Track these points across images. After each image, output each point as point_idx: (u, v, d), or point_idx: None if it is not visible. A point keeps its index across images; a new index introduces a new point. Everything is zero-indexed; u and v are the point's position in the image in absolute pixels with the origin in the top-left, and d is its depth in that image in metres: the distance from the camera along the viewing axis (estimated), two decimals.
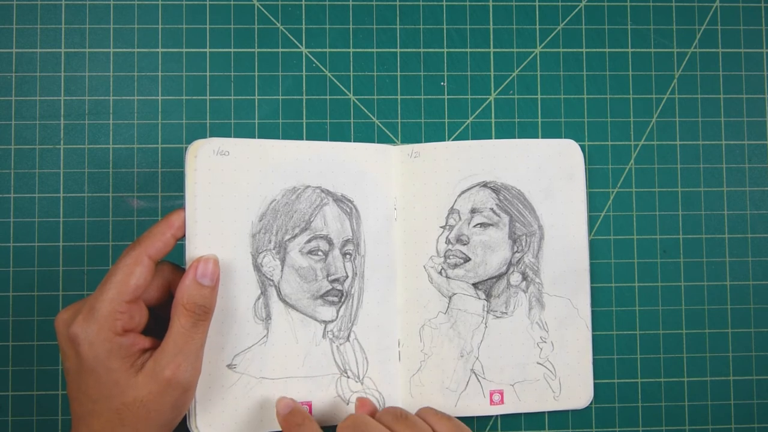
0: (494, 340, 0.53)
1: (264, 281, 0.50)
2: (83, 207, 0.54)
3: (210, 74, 0.56)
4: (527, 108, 0.57)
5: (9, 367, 0.53)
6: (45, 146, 0.55)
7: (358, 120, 0.56)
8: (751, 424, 0.56)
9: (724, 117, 0.57)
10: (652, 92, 0.57)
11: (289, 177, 0.51)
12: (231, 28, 0.56)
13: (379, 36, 0.57)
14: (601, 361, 0.56)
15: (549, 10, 0.57)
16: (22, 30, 0.55)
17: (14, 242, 0.54)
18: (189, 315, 0.44)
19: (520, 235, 0.54)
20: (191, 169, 0.48)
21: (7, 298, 0.54)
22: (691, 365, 0.56)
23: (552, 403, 0.54)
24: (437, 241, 0.53)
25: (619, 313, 0.56)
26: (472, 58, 0.57)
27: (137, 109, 0.55)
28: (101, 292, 0.43)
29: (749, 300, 0.57)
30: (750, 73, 0.58)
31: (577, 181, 0.55)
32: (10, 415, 0.53)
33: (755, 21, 0.58)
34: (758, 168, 0.57)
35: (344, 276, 0.51)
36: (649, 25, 0.57)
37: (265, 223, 0.50)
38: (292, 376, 0.50)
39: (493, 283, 0.54)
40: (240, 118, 0.55)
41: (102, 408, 0.42)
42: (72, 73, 0.55)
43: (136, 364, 0.43)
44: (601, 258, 0.56)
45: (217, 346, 0.48)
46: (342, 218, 0.51)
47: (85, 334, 0.42)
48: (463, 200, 0.53)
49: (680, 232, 0.57)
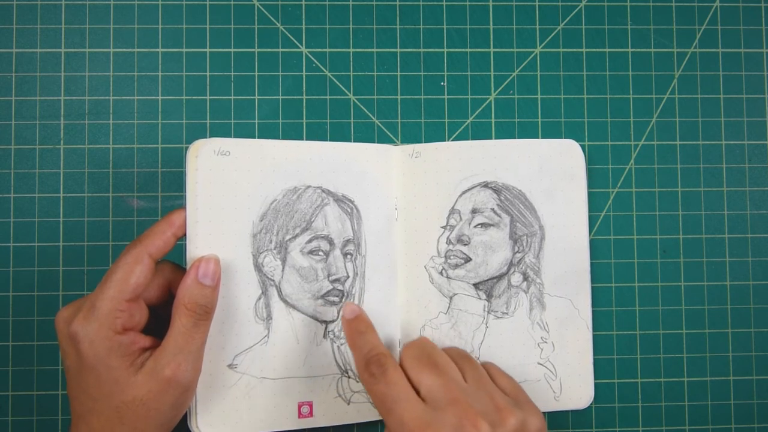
0: (495, 340, 0.53)
1: (265, 281, 0.50)
2: (83, 207, 0.54)
3: (210, 74, 0.56)
4: (527, 108, 0.57)
5: (9, 367, 0.53)
6: (45, 146, 0.55)
7: (358, 120, 0.56)
8: (751, 424, 0.56)
9: (724, 117, 0.57)
10: (652, 92, 0.57)
11: (290, 177, 0.51)
12: (231, 28, 0.56)
13: (379, 36, 0.57)
14: (601, 361, 0.56)
15: (549, 10, 0.57)
16: (22, 30, 0.55)
17: (14, 242, 0.54)
18: (190, 315, 0.44)
19: (521, 236, 0.54)
20: (192, 169, 0.48)
21: (7, 298, 0.54)
22: (691, 365, 0.56)
23: (553, 403, 0.54)
24: (438, 241, 0.53)
25: (619, 313, 0.56)
26: (472, 58, 0.57)
27: (137, 109, 0.55)
28: (101, 291, 0.43)
29: (749, 300, 0.57)
30: (750, 73, 0.58)
31: (578, 182, 0.55)
32: (10, 415, 0.53)
33: (755, 21, 0.58)
34: (758, 168, 0.57)
35: (345, 276, 0.51)
36: (649, 25, 0.58)
37: (266, 223, 0.50)
38: (292, 376, 0.50)
39: (494, 283, 0.54)
40: (240, 118, 0.55)
41: (101, 406, 0.42)
42: (72, 73, 0.55)
43: (135, 362, 0.43)
44: (601, 258, 0.56)
45: (217, 346, 0.48)
46: (343, 218, 0.51)
47: (85, 332, 0.42)
48: (464, 200, 0.53)
49: (680, 232, 0.57)
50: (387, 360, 0.45)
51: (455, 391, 0.43)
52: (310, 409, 0.51)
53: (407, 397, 0.43)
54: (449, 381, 0.44)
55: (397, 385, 0.44)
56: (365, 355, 0.46)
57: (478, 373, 0.47)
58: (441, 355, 0.47)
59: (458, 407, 0.42)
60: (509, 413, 0.44)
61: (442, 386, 0.44)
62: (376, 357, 0.45)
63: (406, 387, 0.44)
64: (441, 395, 0.43)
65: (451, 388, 0.43)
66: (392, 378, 0.44)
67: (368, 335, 0.47)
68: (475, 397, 0.44)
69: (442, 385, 0.44)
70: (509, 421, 0.43)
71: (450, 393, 0.43)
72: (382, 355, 0.45)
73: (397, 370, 0.45)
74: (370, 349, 0.46)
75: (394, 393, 0.43)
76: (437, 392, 0.43)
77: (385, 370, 0.44)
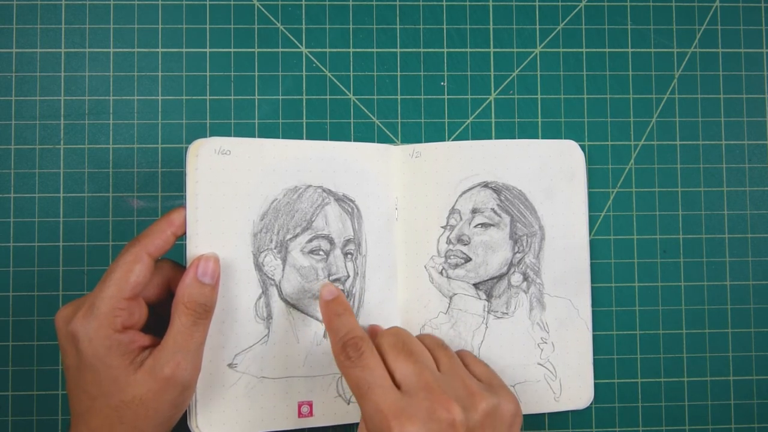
0: (495, 340, 0.53)
1: (265, 280, 0.50)
2: (83, 207, 0.54)
3: (210, 74, 0.56)
4: (527, 108, 0.57)
5: (9, 367, 0.53)
6: (45, 146, 0.54)
7: (358, 120, 0.56)
8: (751, 424, 0.56)
9: (724, 117, 0.57)
10: (652, 92, 0.57)
11: (290, 176, 0.51)
12: (231, 28, 0.56)
13: (379, 36, 0.57)
14: (601, 361, 0.56)
15: (549, 10, 0.57)
16: (22, 30, 0.55)
17: (14, 242, 0.54)
18: (190, 313, 0.44)
19: (521, 236, 0.54)
20: (192, 168, 0.48)
21: (7, 298, 0.54)
22: (691, 365, 0.56)
23: (553, 404, 0.54)
24: (438, 241, 0.53)
25: (619, 313, 0.56)
26: (472, 58, 0.57)
27: (137, 109, 0.55)
28: (101, 290, 0.43)
29: (749, 300, 0.57)
30: (750, 73, 0.58)
31: (578, 182, 0.55)
32: (10, 415, 0.53)
33: (755, 21, 0.58)
34: (758, 168, 0.57)
35: (345, 276, 0.51)
36: (649, 25, 0.58)
37: (267, 222, 0.50)
38: (292, 375, 0.50)
39: (494, 283, 0.54)
40: (240, 118, 0.55)
41: (101, 405, 0.42)
42: (72, 73, 0.55)
43: (135, 361, 0.43)
44: (601, 258, 0.56)
45: (217, 345, 0.48)
46: (343, 218, 0.51)
47: (85, 330, 0.42)
48: (464, 200, 0.53)
49: (680, 232, 0.57)
50: (364, 344, 0.45)
51: (428, 377, 0.44)
52: (310, 409, 0.51)
53: (382, 383, 0.43)
54: (423, 368, 0.45)
55: (374, 371, 0.44)
56: (342, 338, 0.46)
57: (451, 361, 0.47)
58: (416, 343, 0.47)
59: (431, 393, 0.43)
60: (481, 397, 0.44)
61: (415, 373, 0.44)
62: (353, 340, 0.45)
63: (382, 372, 0.44)
64: (414, 382, 0.44)
65: (425, 375, 0.44)
66: (368, 363, 0.44)
67: (345, 317, 0.47)
68: (448, 383, 0.45)
69: (416, 372, 0.44)
70: (480, 405, 0.44)
71: (423, 379, 0.44)
72: (359, 338, 0.45)
73: (374, 355, 0.45)
74: (347, 332, 0.46)
75: (369, 378, 0.43)
76: (411, 379, 0.44)
77: (362, 354, 0.45)
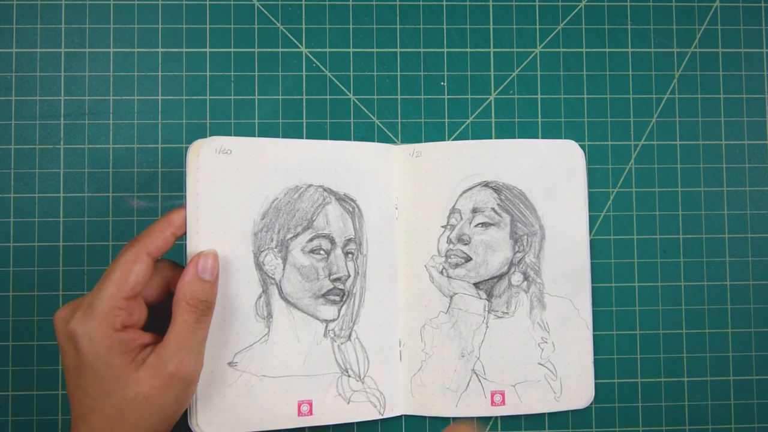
0: (495, 340, 0.53)
1: (265, 280, 0.50)
2: (83, 207, 0.54)
3: (210, 74, 0.56)
4: (527, 108, 0.57)
5: (9, 367, 0.53)
6: (45, 146, 0.54)
7: (358, 120, 0.56)
8: (751, 424, 0.56)
9: (724, 117, 0.57)
10: (652, 92, 0.57)
11: (291, 176, 0.51)
12: (231, 28, 0.56)
13: (379, 36, 0.57)
14: (601, 361, 0.56)
15: (549, 10, 0.58)
16: (22, 30, 0.55)
17: (14, 242, 0.54)
18: (192, 310, 0.44)
19: (522, 235, 0.54)
20: (193, 167, 0.48)
21: (7, 298, 0.54)
22: (691, 365, 0.56)
23: (553, 403, 0.54)
24: (438, 240, 0.53)
25: (619, 313, 0.56)
26: (472, 58, 0.57)
27: (137, 109, 0.55)
28: (100, 289, 0.43)
29: (749, 300, 0.57)
30: (750, 73, 0.58)
31: (578, 182, 0.55)
32: (10, 415, 0.53)
33: (755, 21, 0.58)
34: (758, 168, 0.57)
35: (346, 275, 0.51)
36: (649, 25, 0.58)
37: (267, 221, 0.50)
38: (292, 374, 0.50)
39: (495, 283, 0.54)
40: (240, 118, 0.55)
41: (102, 405, 0.42)
42: (72, 73, 0.55)
43: (137, 359, 0.43)
44: (601, 258, 0.56)
45: (218, 344, 0.48)
46: (344, 217, 0.51)
47: (84, 330, 0.42)
48: (464, 200, 0.54)
49: (680, 232, 0.57)
50: None
51: None
52: (310, 408, 0.50)
53: None
54: None
55: None
56: None
57: None
58: None
59: None
60: None
61: None
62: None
63: None
64: None
65: None
66: None
67: None
68: None
69: None
70: None
71: None
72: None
73: None
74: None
75: None
76: None
77: None
